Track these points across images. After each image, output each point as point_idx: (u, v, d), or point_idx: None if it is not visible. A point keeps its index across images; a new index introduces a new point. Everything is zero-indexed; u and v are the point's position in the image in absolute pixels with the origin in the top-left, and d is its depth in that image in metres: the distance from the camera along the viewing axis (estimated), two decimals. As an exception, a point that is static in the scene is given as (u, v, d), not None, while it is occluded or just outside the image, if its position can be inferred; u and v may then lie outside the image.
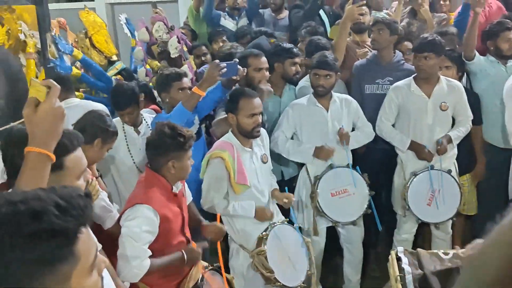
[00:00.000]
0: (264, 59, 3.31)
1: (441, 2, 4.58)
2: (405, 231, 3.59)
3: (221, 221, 2.75)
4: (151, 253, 2.27)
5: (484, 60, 3.70)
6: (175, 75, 3.21)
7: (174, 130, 2.36)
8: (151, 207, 2.27)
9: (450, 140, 3.39)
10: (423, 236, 3.86)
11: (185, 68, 4.16)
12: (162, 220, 2.31)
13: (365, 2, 3.86)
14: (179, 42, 4.27)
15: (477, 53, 3.68)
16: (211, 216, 2.93)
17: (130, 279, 2.26)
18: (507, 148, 3.60)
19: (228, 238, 3.03)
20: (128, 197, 2.50)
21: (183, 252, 2.40)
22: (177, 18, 6.26)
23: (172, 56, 4.26)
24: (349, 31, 4.19)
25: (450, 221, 3.50)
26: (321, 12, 4.69)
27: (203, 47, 4.66)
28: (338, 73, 3.37)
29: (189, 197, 2.73)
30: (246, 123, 2.86)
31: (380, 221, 3.42)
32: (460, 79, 3.72)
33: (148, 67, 4.60)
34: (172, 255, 2.38)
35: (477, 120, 3.62)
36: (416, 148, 3.41)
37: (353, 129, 3.49)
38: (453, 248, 3.64)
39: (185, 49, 4.34)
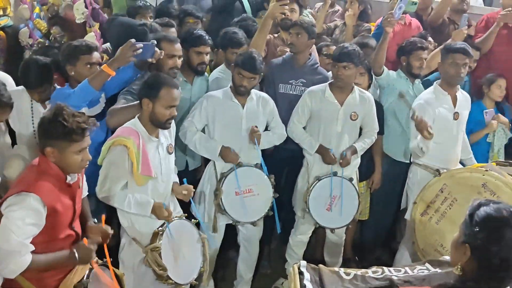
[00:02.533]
0: (178, 46, 3.11)
1: (369, 11, 4.60)
2: (301, 233, 3.67)
3: (106, 222, 2.49)
4: (33, 248, 2.05)
5: (395, 75, 3.82)
6: (85, 47, 2.93)
7: (57, 116, 2.08)
8: (39, 197, 2.04)
9: (355, 151, 3.48)
10: (316, 237, 3.96)
11: (91, 36, 3.82)
12: (50, 212, 2.08)
13: (288, 1, 3.64)
14: (86, 7, 3.89)
15: (385, 68, 3.77)
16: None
17: (5, 275, 2.02)
18: (402, 161, 3.80)
19: (120, 229, 2.84)
20: (16, 180, 2.22)
21: (75, 250, 2.19)
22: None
23: (78, 21, 3.88)
24: (277, 28, 4.08)
25: (345, 227, 3.61)
26: None
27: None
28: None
29: (85, 190, 2.50)
30: (162, 114, 2.67)
31: (279, 219, 3.43)
32: (369, 87, 3.82)
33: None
34: (60, 252, 2.17)
35: (379, 131, 3.73)
36: (322, 151, 3.46)
37: (266, 128, 3.45)
38: (344, 252, 3.86)
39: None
